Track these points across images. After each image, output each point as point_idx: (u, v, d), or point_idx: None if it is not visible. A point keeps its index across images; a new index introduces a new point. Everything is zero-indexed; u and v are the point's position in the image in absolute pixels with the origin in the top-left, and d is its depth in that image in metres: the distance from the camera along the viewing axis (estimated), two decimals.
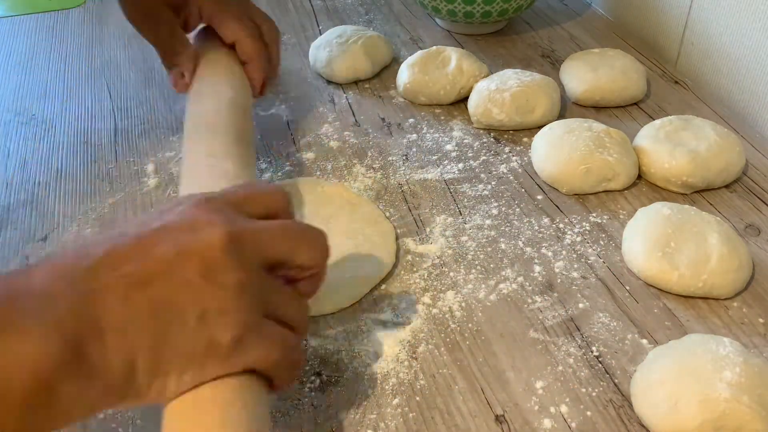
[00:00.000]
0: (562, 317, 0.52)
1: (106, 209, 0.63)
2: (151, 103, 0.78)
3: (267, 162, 0.68)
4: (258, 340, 0.36)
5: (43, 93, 0.80)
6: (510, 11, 0.85)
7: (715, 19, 0.76)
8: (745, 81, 0.73)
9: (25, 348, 0.30)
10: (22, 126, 0.75)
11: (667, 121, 0.65)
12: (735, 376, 0.42)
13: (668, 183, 0.62)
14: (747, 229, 0.59)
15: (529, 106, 0.70)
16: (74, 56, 0.87)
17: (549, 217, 0.61)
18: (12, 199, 0.65)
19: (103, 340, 0.32)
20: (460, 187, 0.64)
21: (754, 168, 0.66)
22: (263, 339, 0.36)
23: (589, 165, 0.61)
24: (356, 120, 0.74)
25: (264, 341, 0.36)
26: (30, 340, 0.30)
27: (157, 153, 0.70)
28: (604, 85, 0.73)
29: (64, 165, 0.69)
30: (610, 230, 0.59)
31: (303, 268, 0.40)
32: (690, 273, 0.52)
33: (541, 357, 0.49)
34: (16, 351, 0.30)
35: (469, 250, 0.58)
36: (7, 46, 0.90)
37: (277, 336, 0.37)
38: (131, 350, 0.32)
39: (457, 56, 0.75)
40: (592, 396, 0.46)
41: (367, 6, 0.98)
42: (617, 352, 0.49)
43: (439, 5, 0.85)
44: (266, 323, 0.36)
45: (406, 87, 0.76)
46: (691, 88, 0.77)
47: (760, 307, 0.52)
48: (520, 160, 0.67)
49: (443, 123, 0.73)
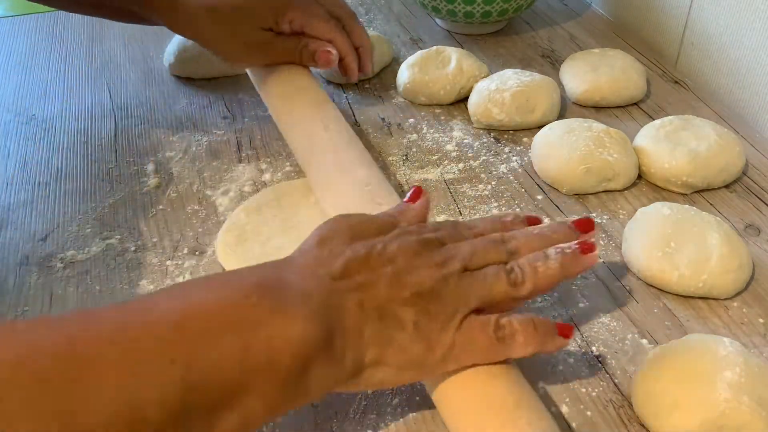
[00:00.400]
0: (562, 317, 0.52)
1: (106, 209, 0.63)
2: (151, 103, 0.78)
3: (267, 162, 0.68)
4: (463, 342, 0.40)
5: (43, 93, 0.80)
6: (510, 11, 0.85)
7: (715, 19, 0.76)
8: (745, 81, 0.73)
9: (293, 330, 0.35)
10: (22, 126, 0.75)
11: (667, 121, 0.65)
12: (735, 376, 0.42)
13: (668, 183, 0.62)
14: (747, 229, 0.59)
15: (529, 106, 0.70)
16: (74, 56, 0.87)
17: (549, 217, 0.61)
18: (12, 199, 0.65)
19: (345, 337, 0.38)
20: (460, 187, 0.64)
21: (754, 168, 0.66)
22: (466, 336, 0.40)
23: (589, 165, 0.61)
24: (356, 120, 0.74)
25: (467, 342, 0.40)
26: (297, 324, 0.36)
27: (157, 153, 0.70)
28: (604, 85, 0.73)
29: (64, 165, 0.69)
30: (610, 230, 0.59)
31: None
32: (690, 273, 0.52)
33: (541, 357, 0.49)
34: (286, 332, 0.35)
35: None
36: (7, 46, 0.90)
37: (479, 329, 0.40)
38: (364, 348, 0.38)
39: (457, 56, 0.75)
40: (592, 396, 0.46)
41: (367, 6, 0.98)
42: (617, 352, 0.49)
43: (439, 5, 0.85)
44: (471, 320, 0.41)
45: (406, 87, 0.76)
46: (691, 88, 0.77)
47: (760, 307, 0.52)
48: (520, 160, 0.67)
49: (443, 123, 0.73)
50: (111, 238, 0.60)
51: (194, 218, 0.61)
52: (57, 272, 0.57)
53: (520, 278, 0.42)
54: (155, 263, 0.57)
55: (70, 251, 0.58)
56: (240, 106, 0.76)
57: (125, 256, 0.58)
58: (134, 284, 0.55)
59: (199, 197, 0.64)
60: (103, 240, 0.59)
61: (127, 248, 0.59)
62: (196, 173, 0.67)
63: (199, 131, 0.72)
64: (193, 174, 0.67)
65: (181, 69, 0.81)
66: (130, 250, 0.58)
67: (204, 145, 0.70)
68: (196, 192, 0.65)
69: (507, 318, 0.41)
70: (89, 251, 0.58)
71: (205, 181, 0.66)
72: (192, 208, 0.63)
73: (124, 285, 0.55)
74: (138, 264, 0.57)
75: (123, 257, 0.58)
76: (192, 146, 0.70)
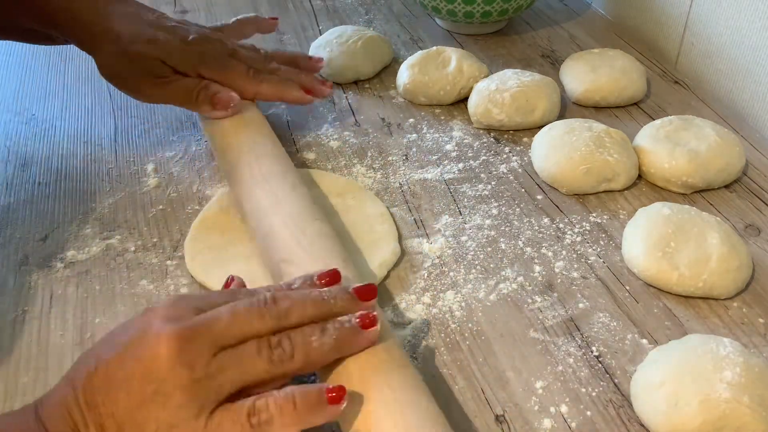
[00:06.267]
0: (562, 317, 0.52)
1: (106, 209, 0.63)
2: None
3: None
4: None
5: (43, 93, 0.80)
6: (510, 11, 0.85)
7: (715, 19, 0.76)
8: (745, 81, 0.73)
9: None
10: (22, 126, 0.75)
11: (667, 121, 0.65)
12: (735, 376, 0.42)
13: (668, 183, 0.62)
14: (747, 229, 0.59)
15: (529, 106, 0.70)
16: (74, 56, 0.87)
17: (549, 217, 0.61)
18: (12, 199, 0.65)
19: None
20: (460, 187, 0.64)
21: (754, 168, 0.66)
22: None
23: (589, 165, 0.61)
24: (356, 120, 0.74)
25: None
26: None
27: (157, 153, 0.70)
28: (604, 85, 0.73)
29: (64, 165, 0.69)
30: (610, 230, 0.59)
31: None
32: (690, 273, 0.52)
33: (541, 357, 0.49)
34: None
35: (469, 250, 0.58)
36: (7, 46, 0.90)
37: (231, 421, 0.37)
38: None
39: (457, 57, 0.75)
40: (592, 396, 0.46)
41: (367, 6, 0.98)
42: (617, 352, 0.49)
43: (439, 5, 0.85)
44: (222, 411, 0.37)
45: (406, 87, 0.76)
46: (691, 88, 0.77)
47: (760, 307, 0.52)
48: (520, 160, 0.67)
49: (443, 123, 0.73)
50: (111, 238, 0.60)
51: (194, 218, 0.61)
52: (57, 272, 0.57)
53: (288, 354, 0.39)
54: (155, 263, 0.57)
55: (70, 251, 0.58)
56: None
57: (125, 256, 0.58)
58: (134, 284, 0.55)
59: (199, 197, 0.64)
60: (103, 240, 0.59)
61: (127, 248, 0.59)
62: (196, 173, 0.67)
63: (199, 131, 0.72)
64: (193, 174, 0.67)
65: None
66: (130, 250, 0.58)
67: (204, 145, 0.70)
68: (196, 192, 0.65)
69: (263, 399, 0.37)
70: (89, 251, 0.58)
71: (205, 181, 0.66)
72: (192, 208, 0.63)
73: (124, 285, 0.55)
74: (138, 264, 0.57)
75: (123, 257, 0.58)
76: (192, 146, 0.70)
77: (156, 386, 0.36)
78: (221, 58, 0.65)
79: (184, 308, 0.39)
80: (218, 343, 0.38)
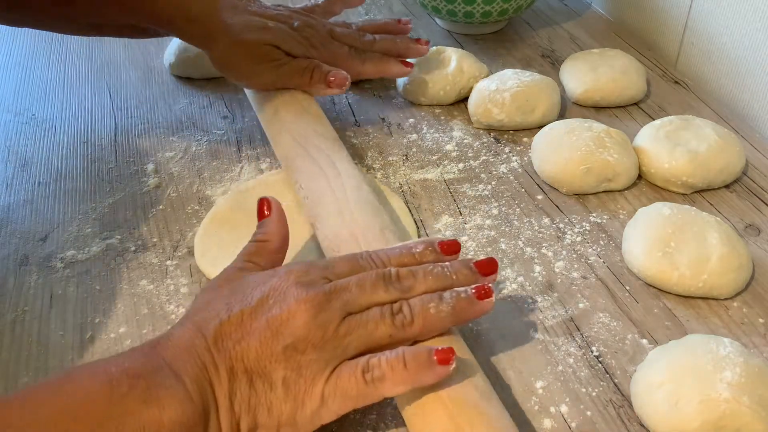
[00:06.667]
0: (562, 317, 0.52)
1: (106, 209, 0.63)
2: (151, 103, 0.78)
3: (267, 162, 0.68)
4: (332, 392, 0.40)
5: (43, 93, 0.80)
6: (510, 11, 0.85)
7: (715, 19, 0.76)
8: (745, 81, 0.73)
9: (166, 415, 0.36)
10: (22, 126, 0.75)
11: (667, 121, 0.65)
12: (735, 376, 0.42)
13: (668, 183, 0.62)
14: (747, 229, 0.59)
15: (529, 106, 0.70)
16: (74, 56, 0.87)
17: (549, 217, 0.61)
18: (12, 199, 0.65)
19: (218, 410, 0.38)
20: (460, 187, 0.64)
21: (754, 168, 0.66)
22: (335, 385, 0.40)
23: (589, 165, 0.61)
24: (356, 120, 0.74)
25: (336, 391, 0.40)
26: (169, 409, 0.36)
27: (157, 153, 0.70)
28: (604, 85, 0.73)
29: (64, 165, 0.69)
30: (610, 230, 0.59)
31: None
32: (690, 273, 0.52)
33: (541, 357, 0.49)
34: (160, 418, 0.36)
35: (469, 250, 0.58)
36: (7, 46, 0.90)
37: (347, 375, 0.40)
38: (236, 418, 0.39)
39: (458, 57, 0.75)
40: (592, 396, 0.46)
41: (367, 6, 0.98)
42: (617, 352, 0.49)
43: (439, 5, 0.85)
44: (341, 368, 0.40)
45: (406, 87, 0.76)
46: (691, 88, 0.77)
47: (760, 307, 0.52)
48: (520, 160, 0.67)
49: (443, 123, 0.73)
50: (111, 238, 0.60)
51: (194, 218, 0.61)
52: (57, 272, 0.57)
53: (408, 319, 0.41)
54: (155, 263, 0.57)
55: (70, 251, 0.58)
56: (240, 106, 0.76)
57: (125, 256, 0.58)
58: (134, 284, 0.55)
59: (199, 197, 0.64)
60: (103, 240, 0.60)
61: (127, 248, 0.59)
62: (196, 173, 0.67)
63: (199, 131, 0.72)
64: (193, 174, 0.67)
65: (181, 69, 0.81)
66: (130, 250, 0.58)
67: (204, 145, 0.70)
68: (196, 192, 0.65)
69: (377, 358, 0.40)
70: (89, 251, 0.58)
71: (205, 181, 0.66)
72: (192, 208, 0.63)
73: (124, 285, 0.55)
74: (138, 264, 0.57)
75: (123, 257, 0.58)
76: (192, 146, 0.70)
77: (291, 341, 0.39)
78: (325, 40, 0.68)
79: (315, 276, 0.42)
80: (347, 309, 0.41)
